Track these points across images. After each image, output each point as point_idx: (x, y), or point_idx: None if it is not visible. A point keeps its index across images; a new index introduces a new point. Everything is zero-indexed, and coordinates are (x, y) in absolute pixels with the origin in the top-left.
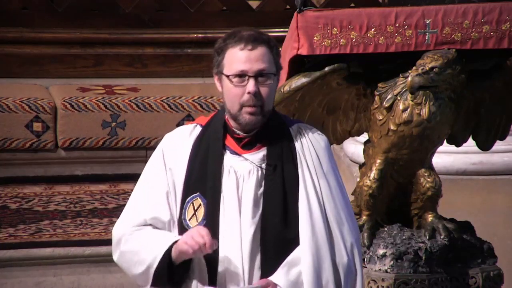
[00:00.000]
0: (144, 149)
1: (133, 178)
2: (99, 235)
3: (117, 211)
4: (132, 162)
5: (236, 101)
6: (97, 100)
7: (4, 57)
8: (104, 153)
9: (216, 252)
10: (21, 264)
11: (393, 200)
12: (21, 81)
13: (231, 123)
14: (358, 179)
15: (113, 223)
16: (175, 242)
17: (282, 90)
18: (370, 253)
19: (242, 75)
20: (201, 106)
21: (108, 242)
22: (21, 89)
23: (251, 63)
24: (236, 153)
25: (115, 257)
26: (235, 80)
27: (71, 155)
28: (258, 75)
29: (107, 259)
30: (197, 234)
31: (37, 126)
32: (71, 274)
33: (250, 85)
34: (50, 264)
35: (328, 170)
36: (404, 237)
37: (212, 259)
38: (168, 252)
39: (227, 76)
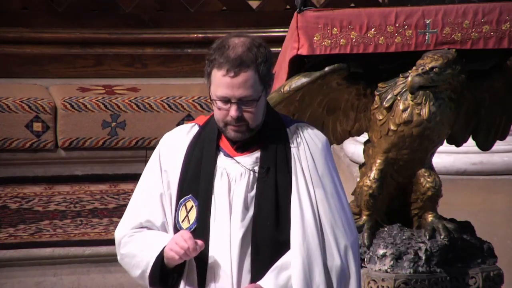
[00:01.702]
0: (144, 149)
1: (133, 178)
2: (99, 235)
3: (117, 211)
4: (132, 162)
5: (220, 120)
6: (97, 100)
7: (4, 57)
8: (104, 153)
9: (205, 255)
10: (21, 264)
11: (393, 200)
12: (21, 81)
13: None
14: (358, 179)
15: (113, 223)
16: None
17: (282, 90)
18: (370, 253)
19: (225, 100)
20: (201, 106)
21: (108, 242)
22: (21, 89)
23: (233, 90)
24: (229, 155)
25: (118, 259)
26: (218, 103)
27: (71, 155)
28: (241, 101)
29: (107, 259)
30: (180, 239)
31: (37, 126)
32: (71, 274)
33: (232, 110)
34: (50, 264)
35: (324, 172)
36: (404, 237)
37: (202, 262)
38: (160, 256)
39: (211, 97)
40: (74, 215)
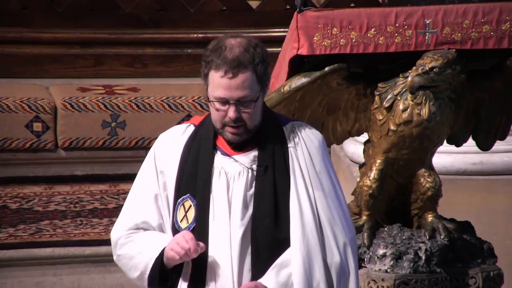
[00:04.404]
0: (144, 149)
1: (133, 178)
2: (99, 235)
3: (117, 211)
4: (132, 162)
5: (218, 121)
6: (97, 100)
7: (4, 57)
8: (104, 153)
9: (205, 254)
10: (21, 264)
11: (393, 200)
12: (21, 81)
13: None
14: (358, 179)
15: (113, 223)
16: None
17: (282, 90)
18: (370, 253)
19: (223, 101)
20: (201, 106)
21: (108, 242)
22: (21, 89)
23: (231, 91)
24: (227, 154)
25: (114, 259)
26: (216, 104)
27: (71, 155)
28: (239, 102)
29: (107, 259)
30: (182, 240)
31: (37, 126)
32: (71, 274)
33: (231, 111)
34: (50, 264)
35: (321, 169)
36: (404, 237)
37: (201, 261)
38: (160, 258)
39: (209, 98)
40: (74, 215)
